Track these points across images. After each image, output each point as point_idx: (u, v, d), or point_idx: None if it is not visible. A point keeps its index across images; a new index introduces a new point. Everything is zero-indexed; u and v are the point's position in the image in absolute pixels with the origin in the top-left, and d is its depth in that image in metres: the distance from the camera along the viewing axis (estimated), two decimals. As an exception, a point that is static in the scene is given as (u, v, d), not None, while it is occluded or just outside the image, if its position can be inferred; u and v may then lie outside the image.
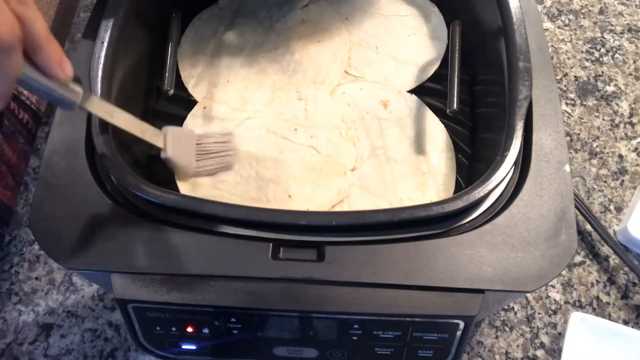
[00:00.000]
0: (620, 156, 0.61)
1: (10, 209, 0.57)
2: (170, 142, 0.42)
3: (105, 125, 0.39)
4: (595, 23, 0.70)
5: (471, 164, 0.48)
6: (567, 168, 0.40)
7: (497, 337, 0.52)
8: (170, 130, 0.43)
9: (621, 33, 0.69)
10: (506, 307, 0.53)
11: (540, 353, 0.51)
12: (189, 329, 0.40)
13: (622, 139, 0.62)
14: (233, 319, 0.39)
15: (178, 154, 0.43)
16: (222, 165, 0.45)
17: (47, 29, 0.30)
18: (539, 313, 0.53)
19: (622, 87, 0.65)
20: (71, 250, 0.37)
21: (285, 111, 0.49)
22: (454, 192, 0.46)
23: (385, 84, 0.51)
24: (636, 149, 0.61)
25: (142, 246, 0.37)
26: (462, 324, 0.38)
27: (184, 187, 0.45)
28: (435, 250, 0.37)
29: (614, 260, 0.55)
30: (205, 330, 0.40)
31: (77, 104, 0.34)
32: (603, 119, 0.63)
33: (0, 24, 0.26)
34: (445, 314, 0.37)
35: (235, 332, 0.40)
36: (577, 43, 0.69)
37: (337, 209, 0.45)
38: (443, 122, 0.49)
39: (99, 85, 0.41)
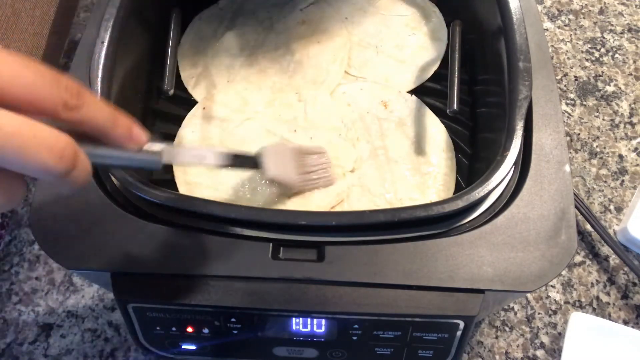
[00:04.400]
0: (620, 156, 0.61)
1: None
2: (269, 161, 0.40)
3: None
4: (595, 23, 0.70)
5: (471, 164, 0.48)
6: (567, 168, 0.40)
7: (497, 337, 0.52)
8: (266, 150, 0.40)
9: (621, 33, 0.69)
10: (506, 307, 0.53)
11: (540, 353, 0.51)
12: (189, 329, 0.40)
13: (622, 139, 0.62)
14: (233, 319, 0.39)
15: (280, 172, 0.41)
16: (324, 177, 0.44)
17: (107, 112, 0.27)
18: (539, 313, 0.53)
19: (622, 87, 0.65)
20: (71, 250, 0.37)
21: (285, 112, 0.49)
22: (454, 192, 0.46)
23: (386, 84, 0.51)
24: (636, 149, 0.61)
25: (142, 246, 0.37)
26: (462, 324, 0.38)
27: (183, 188, 0.45)
28: (435, 250, 0.37)
29: (614, 260, 0.55)
30: (205, 330, 0.40)
31: (160, 163, 0.31)
32: (603, 119, 0.63)
33: (44, 154, 0.22)
34: (445, 314, 0.37)
35: (235, 332, 0.40)
36: (577, 43, 0.69)
37: (337, 209, 0.45)
38: (443, 122, 0.49)
39: (99, 85, 0.41)
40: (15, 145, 0.22)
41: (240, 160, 0.38)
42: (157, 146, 0.31)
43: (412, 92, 0.51)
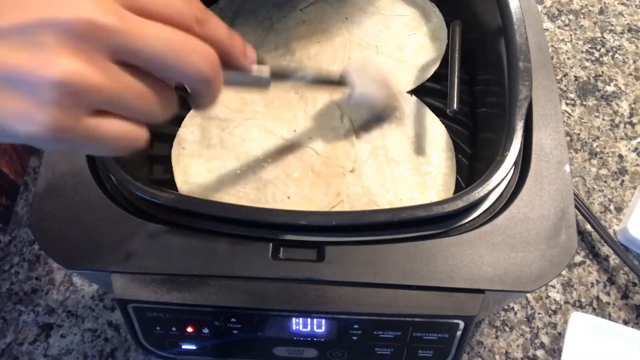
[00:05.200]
0: (620, 156, 0.61)
1: (16, 185, 0.59)
2: (356, 78, 0.42)
3: None
4: (595, 23, 0.70)
5: (471, 164, 0.48)
6: (567, 168, 0.40)
7: (497, 337, 0.52)
8: (351, 67, 0.42)
9: (621, 33, 0.69)
10: (506, 307, 0.53)
11: (540, 353, 0.51)
12: (189, 329, 0.40)
13: (622, 139, 0.62)
14: (233, 319, 0.39)
15: (368, 90, 0.43)
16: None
17: (225, 28, 0.29)
18: (539, 313, 0.53)
19: (622, 87, 0.65)
20: (71, 250, 0.37)
21: (284, 112, 0.49)
22: (454, 192, 0.46)
23: (385, 84, 0.51)
24: (636, 149, 0.61)
25: (142, 246, 0.37)
26: (462, 324, 0.38)
27: (183, 188, 0.45)
28: (435, 250, 0.37)
29: (614, 260, 0.55)
30: (205, 330, 0.40)
31: (268, 82, 0.33)
32: (603, 119, 0.63)
33: (199, 60, 0.25)
34: (445, 314, 0.37)
35: (235, 332, 0.40)
36: (577, 43, 0.69)
37: (337, 209, 0.45)
38: (443, 122, 0.49)
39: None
40: (175, 52, 0.24)
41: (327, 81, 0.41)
42: (263, 67, 0.33)
43: (412, 92, 0.51)
